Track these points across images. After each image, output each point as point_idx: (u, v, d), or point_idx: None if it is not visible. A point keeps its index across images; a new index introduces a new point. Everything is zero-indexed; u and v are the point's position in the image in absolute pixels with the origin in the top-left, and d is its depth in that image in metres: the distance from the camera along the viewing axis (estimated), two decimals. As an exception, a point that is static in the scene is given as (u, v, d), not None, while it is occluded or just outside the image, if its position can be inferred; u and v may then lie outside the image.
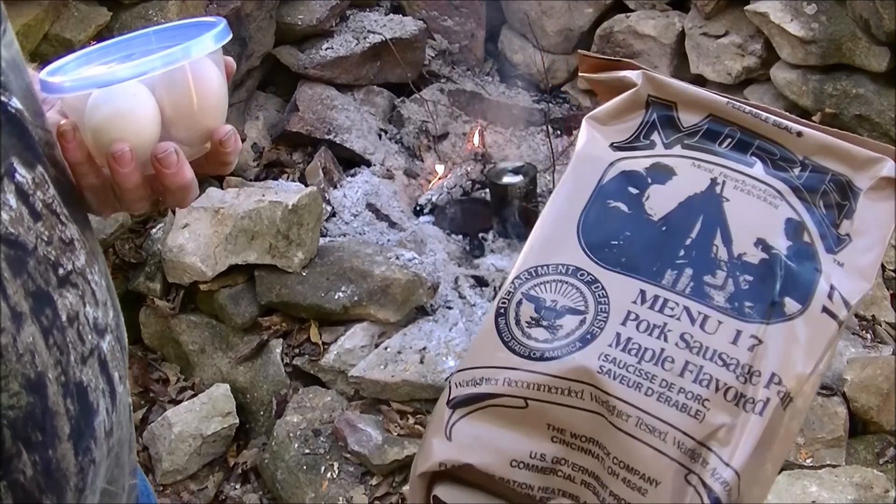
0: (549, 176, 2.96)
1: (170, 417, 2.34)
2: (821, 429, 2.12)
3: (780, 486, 2.00)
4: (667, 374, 0.66)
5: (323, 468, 2.24)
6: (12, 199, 0.62)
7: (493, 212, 2.80)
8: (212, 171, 0.80)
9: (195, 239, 2.43)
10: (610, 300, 0.69)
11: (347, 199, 2.82)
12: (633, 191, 0.74)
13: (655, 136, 0.77)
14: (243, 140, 2.87)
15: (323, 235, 2.62)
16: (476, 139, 3.09)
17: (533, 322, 0.70)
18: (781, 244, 0.71)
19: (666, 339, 0.67)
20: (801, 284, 0.69)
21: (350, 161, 2.99)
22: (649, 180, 0.75)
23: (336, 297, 2.40)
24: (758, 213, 0.72)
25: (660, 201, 0.73)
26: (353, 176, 2.93)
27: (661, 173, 0.75)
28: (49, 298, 0.64)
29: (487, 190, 2.87)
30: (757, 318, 0.68)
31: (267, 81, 3.18)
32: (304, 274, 2.44)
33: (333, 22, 3.14)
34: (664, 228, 0.72)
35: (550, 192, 2.90)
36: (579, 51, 0.89)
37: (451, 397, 0.71)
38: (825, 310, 0.68)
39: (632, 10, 3.16)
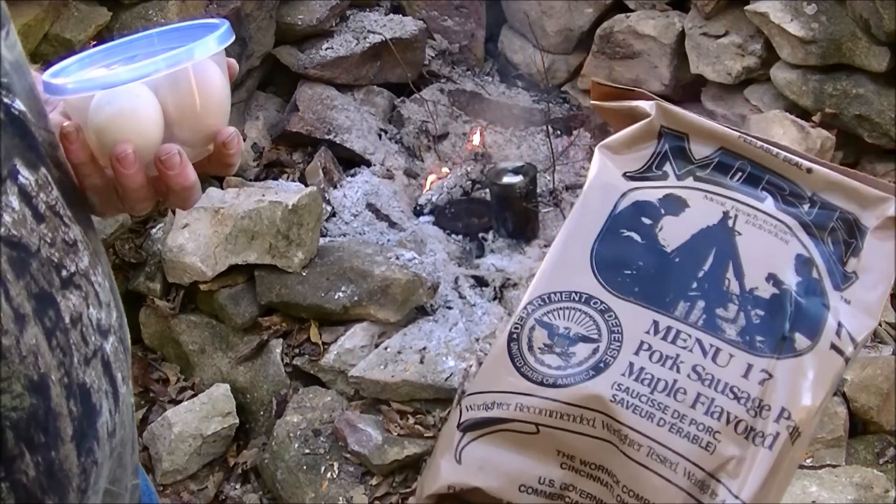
0: (549, 176, 2.96)
1: (170, 417, 2.34)
2: (821, 429, 2.12)
3: (780, 486, 2.00)
4: (679, 405, 0.67)
5: (323, 468, 2.24)
6: (15, 201, 0.62)
7: (493, 212, 2.80)
8: (215, 171, 0.80)
9: (195, 239, 2.43)
10: (623, 329, 0.70)
11: (347, 199, 2.82)
12: (647, 221, 0.75)
13: (668, 167, 0.78)
14: (244, 140, 2.87)
15: (323, 235, 2.62)
16: (476, 139, 3.09)
17: (546, 348, 0.71)
18: (791, 279, 0.71)
19: (678, 371, 0.68)
20: (811, 320, 0.70)
21: (350, 161, 2.99)
22: (662, 211, 0.75)
23: (336, 297, 2.40)
24: (769, 247, 0.73)
25: (673, 232, 0.74)
26: (353, 176, 2.93)
27: (674, 205, 0.75)
28: (52, 300, 0.64)
29: (487, 190, 2.87)
30: (767, 353, 0.68)
31: (267, 81, 3.18)
32: (304, 274, 2.44)
33: (333, 22, 3.14)
34: (677, 259, 0.73)
35: (551, 192, 2.91)
36: (592, 79, 0.90)
37: (461, 420, 0.71)
38: (833, 346, 0.69)
39: (632, 10, 3.16)
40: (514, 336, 0.72)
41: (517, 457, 0.69)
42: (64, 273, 0.66)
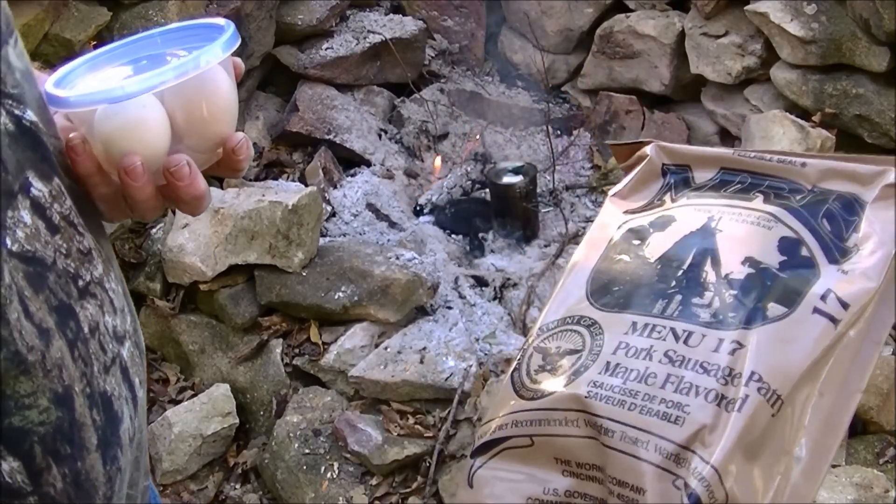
0: (549, 176, 2.96)
1: (170, 417, 2.34)
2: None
3: (780, 486, 2.00)
4: (649, 388, 0.69)
5: (323, 468, 2.24)
6: (27, 216, 0.61)
7: (493, 212, 2.80)
8: (223, 175, 0.80)
9: (195, 239, 2.43)
10: (605, 336, 0.73)
11: (347, 199, 2.82)
12: (636, 242, 0.79)
13: (666, 197, 0.82)
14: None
15: (323, 235, 2.62)
16: (476, 139, 3.09)
17: (540, 369, 0.74)
18: (773, 259, 0.73)
19: (651, 359, 0.70)
20: (790, 291, 0.71)
21: (350, 161, 2.99)
22: (651, 230, 0.79)
23: (336, 297, 2.40)
24: (750, 236, 0.75)
25: (658, 245, 0.78)
26: (353, 176, 2.93)
27: (663, 222, 0.79)
28: (72, 311, 0.64)
29: (487, 190, 2.87)
30: (739, 325, 0.70)
31: (267, 81, 3.18)
32: (304, 274, 2.44)
33: (333, 22, 3.14)
34: (659, 266, 0.76)
35: (551, 192, 2.91)
36: (610, 143, 0.95)
37: (473, 448, 0.76)
38: (817, 310, 0.70)
39: (632, 10, 3.16)
40: (517, 366, 0.76)
41: (521, 472, 0.72)
42: (80, 283, 0.65)
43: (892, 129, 2.57)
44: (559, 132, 3.19)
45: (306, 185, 2.74)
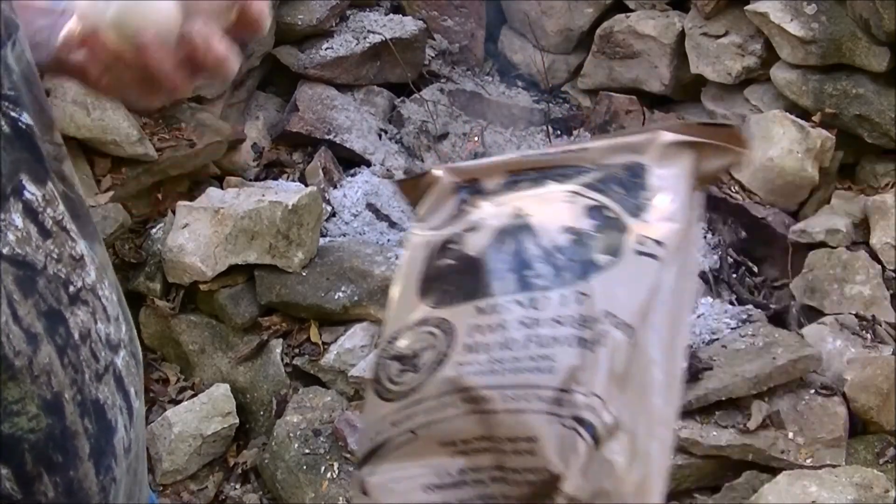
0: (549, 176, 2.96)
1: (170, 417, 2.34)
2: (821, 429, 2.12)
3: (780, 486, 2.00)
4: (513, 352, 0.74)
5: (323, 468, 2.24)
6: (18, 219, 0.61)
7: (493, 212, 2.80)
8: (244, 36, 0.78)
9: (195, 239, 2.43)
10: (455, 327, 0.78)
11: (347, 199, 2.82)
12: (454, 246, 0.84)
13: (464, 207, 0.89)
14: (243, 140, 2.87)
15: (323, 235, 2.62)
16: (476, 139, 3.09)
17: (400, 372, 0.78)
18: (586, 224, 0.81)
19: (505, 329, 0.75)
20: (610, 243, 0.79)
21: (350, 161, 2.99)
22: (464, 233, 0.85)
23: (336, 297, 2.40)
24: (559, 211, 0.83)
25: (475, 241, 0.83)
26: (353, 176, 2.93)
27: (473, 224, 0.86)
28: (61, 317, 0.63)
29: (487, 190, 2.87)
30: (577, 280, 0.76)
31: (267, 81, 3.18)
32: (304, 274, 2.44)
33: (333, 22, 3.14)
34: (484, 258, 0.82)
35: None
36: (396, 180, 0.99)
37: (358, 462, 0.79)
38: (640, 252, 0.78)
39: (632, 10, 3.16)
40: (376, 380, 0.80)
41: (411, 466, 0.75)
42: (71, 289, 0.65)
43: (892, 129, 2.57)
44: (559, 132, 3.19)
45: (306, 185, 2.74)
